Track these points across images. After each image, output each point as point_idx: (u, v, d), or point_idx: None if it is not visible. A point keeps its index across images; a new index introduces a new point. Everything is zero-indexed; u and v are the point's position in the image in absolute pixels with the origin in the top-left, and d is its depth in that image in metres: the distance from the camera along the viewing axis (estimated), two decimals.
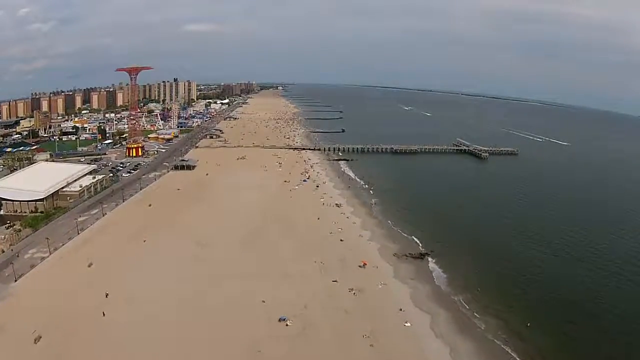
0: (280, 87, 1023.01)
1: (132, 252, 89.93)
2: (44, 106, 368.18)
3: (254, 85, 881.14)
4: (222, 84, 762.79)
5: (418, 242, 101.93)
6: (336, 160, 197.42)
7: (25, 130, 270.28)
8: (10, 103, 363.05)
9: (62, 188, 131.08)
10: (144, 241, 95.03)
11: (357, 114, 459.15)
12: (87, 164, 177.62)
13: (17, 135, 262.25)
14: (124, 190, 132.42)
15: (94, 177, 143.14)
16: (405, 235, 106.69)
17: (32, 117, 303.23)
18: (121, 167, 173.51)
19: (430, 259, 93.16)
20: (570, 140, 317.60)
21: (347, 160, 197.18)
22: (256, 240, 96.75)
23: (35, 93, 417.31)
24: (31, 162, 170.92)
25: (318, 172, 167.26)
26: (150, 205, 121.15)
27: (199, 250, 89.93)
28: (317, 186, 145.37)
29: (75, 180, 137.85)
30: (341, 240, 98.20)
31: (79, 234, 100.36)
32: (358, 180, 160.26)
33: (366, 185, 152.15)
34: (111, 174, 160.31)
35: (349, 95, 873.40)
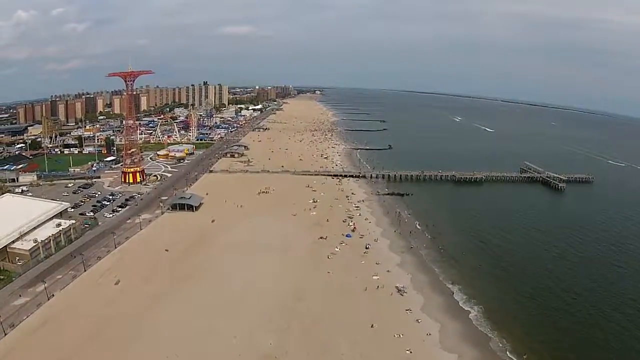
0: (318, 92, 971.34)
1: None
2: (61, 110, 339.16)
3: (290, 89, 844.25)
4: (257, 87, 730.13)
5: None
6: (387, 194, 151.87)
7: (32, 139, 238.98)
8: (27, 106, 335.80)
9: (12, 243, 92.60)
10: None
11: (402, 125, 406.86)
12: (73, 192, 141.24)
13: (19, 146, 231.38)
14: (86, 253, 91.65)
15: (58, 225, 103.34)
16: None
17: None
18: (109, 200, 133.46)
19: None
20: None
21: (402, 195, 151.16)
22: None
23: (56, 96, 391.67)
24: (7, 189, 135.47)
25: (366, 218, 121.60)
26: (117, 283, 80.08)
27: None
28: (367, 247, 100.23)
29: (34, 229, 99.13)
30: None
31: (5, 334, 64.98)
32: (421, 232, 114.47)
33: (432, 242, 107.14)
34: (91, 214, 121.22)
35: (389, 102, 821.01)
